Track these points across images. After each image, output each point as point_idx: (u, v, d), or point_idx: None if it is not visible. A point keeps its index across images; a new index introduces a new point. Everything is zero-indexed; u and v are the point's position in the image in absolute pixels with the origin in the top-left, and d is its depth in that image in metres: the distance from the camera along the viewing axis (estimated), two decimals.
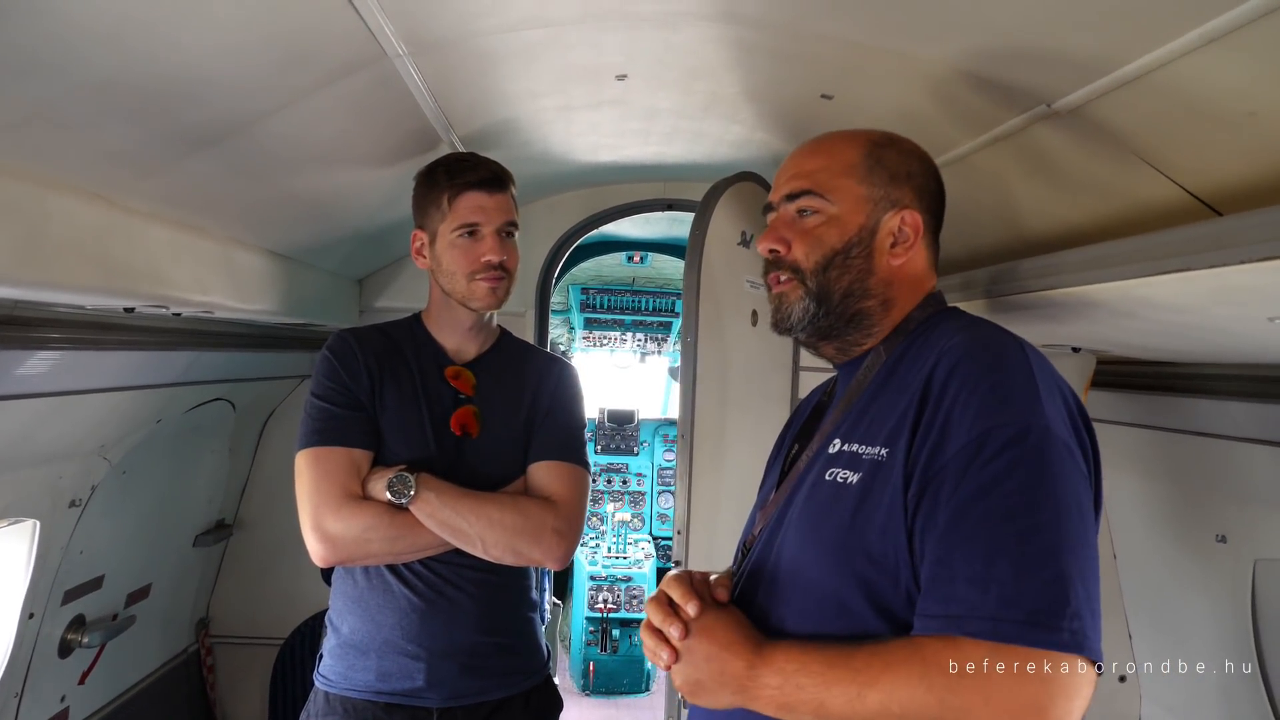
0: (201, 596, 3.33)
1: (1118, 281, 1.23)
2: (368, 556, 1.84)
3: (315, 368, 1.94)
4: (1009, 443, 1.08)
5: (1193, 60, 1.20)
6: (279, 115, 1.51)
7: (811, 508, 1.28)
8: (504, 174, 1.92)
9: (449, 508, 1.81)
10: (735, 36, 1.64)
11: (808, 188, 1.37)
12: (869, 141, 1.40)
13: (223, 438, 3.09)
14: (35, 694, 2.34)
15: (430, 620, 1.90)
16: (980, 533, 1.07)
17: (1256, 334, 1.32)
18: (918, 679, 1.05)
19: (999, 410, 1.11)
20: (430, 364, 1.97)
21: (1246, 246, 0.97)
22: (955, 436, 1.11)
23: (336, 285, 3.00)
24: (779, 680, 1.16)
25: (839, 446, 1.28)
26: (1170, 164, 1.41)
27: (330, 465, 1.82)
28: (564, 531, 1.91)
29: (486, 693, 1.95)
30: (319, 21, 1.28)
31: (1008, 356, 1.17)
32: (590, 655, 5.18)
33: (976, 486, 1.08)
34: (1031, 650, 1.01)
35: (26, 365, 1.66)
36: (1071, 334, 1.86)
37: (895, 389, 1.26)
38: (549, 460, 1.97)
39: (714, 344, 2.34)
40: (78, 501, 2.29)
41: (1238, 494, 2.37)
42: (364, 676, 1.90)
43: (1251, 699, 2.47)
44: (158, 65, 1.19)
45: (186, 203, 1.73)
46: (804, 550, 1.27)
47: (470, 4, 1.34)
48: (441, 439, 1.91)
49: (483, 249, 1.88)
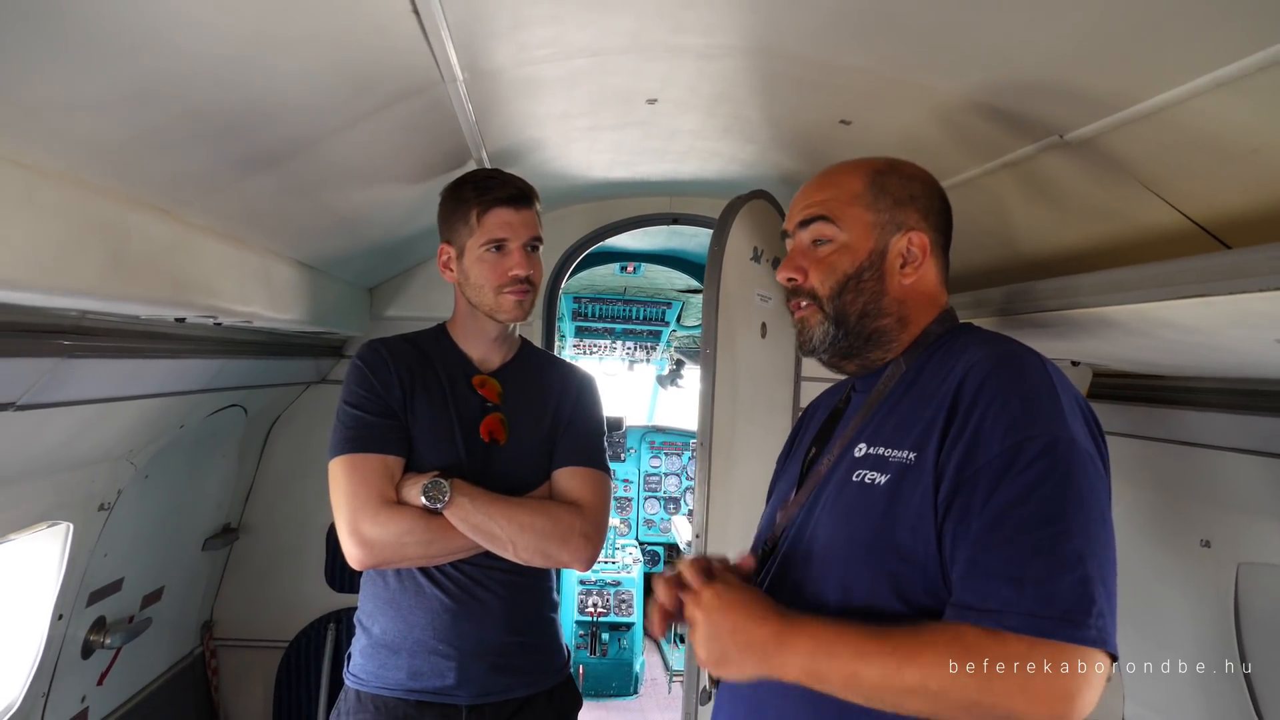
0: (207, 599, 3.36)
1: (1138, 305, 1.34)
2: (403, 560, 1.91)
3: (347, 376, 1.99)
4: (1040, 454, 1.18)
5: (1202, 101, 1.31)
6: (338, 136, 1.59)
7: (840, 507, 1.36)
8: (529, 190, 2.00)
9: (482, 512, 1.88)
10: (766, 67, 1.74)
11: (818, 214, 1.47)
12: (872, 170, 1.49)
13: (233, 443, 3.13)
14: (59, 694, 2.38)
15: (461, 620, 1.97)
16: (1016, 536, 1.16)
17: (1261, 353, 1.44)
18: (960, 662, 1.12)
19: (1029, 423, 1.20)
20: (458, 373, 2.04)
21: (1263, 276, 1.08)
22: (988, 445, 1.20)
23: (352, 295, 3.06)
24: (811, 646, 1.22)
25: (865, 450, 1.37)
26: (1176, 193, 1.52)
27: (366, 471, 1.88)
28: (590, 535, 1.99)
29: (513, 690, 2.02)
30: (391, 49, 1.35)
31: (1032, 371, 1.26)
32: (580, 659, 5.25)
33: (1012, 494, 1.17)
34: (1064, 645, 1.10)
35: (83, 373, 1.72)
36: (1076, 349, 1.98)
37: (920, 397, 1.35)
38: (573, 466, 2.05)
39: (727, 355, 2.44)
40: (106, 505, 2.33)
41: (1222, 501, 2.50)
42: (396, 675, 1.97)
43: (1235, 699, 2.58)
44: (246, 93, 1.26)
45: (237, 217, 1.79)
46: (832, 546, 1.35)
47: (532, 35, 1.43)
48: (471, 445, 1.98)
49: (510, 263, 1.95)
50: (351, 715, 1.99)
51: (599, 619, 5.27)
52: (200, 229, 1.67)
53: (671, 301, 6.23)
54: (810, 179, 1.55)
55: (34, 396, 1.60)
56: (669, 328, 6.59)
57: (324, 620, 3.41)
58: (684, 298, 6.08)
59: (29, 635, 2.23)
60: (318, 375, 3.37)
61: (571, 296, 6.06)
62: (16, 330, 1.40)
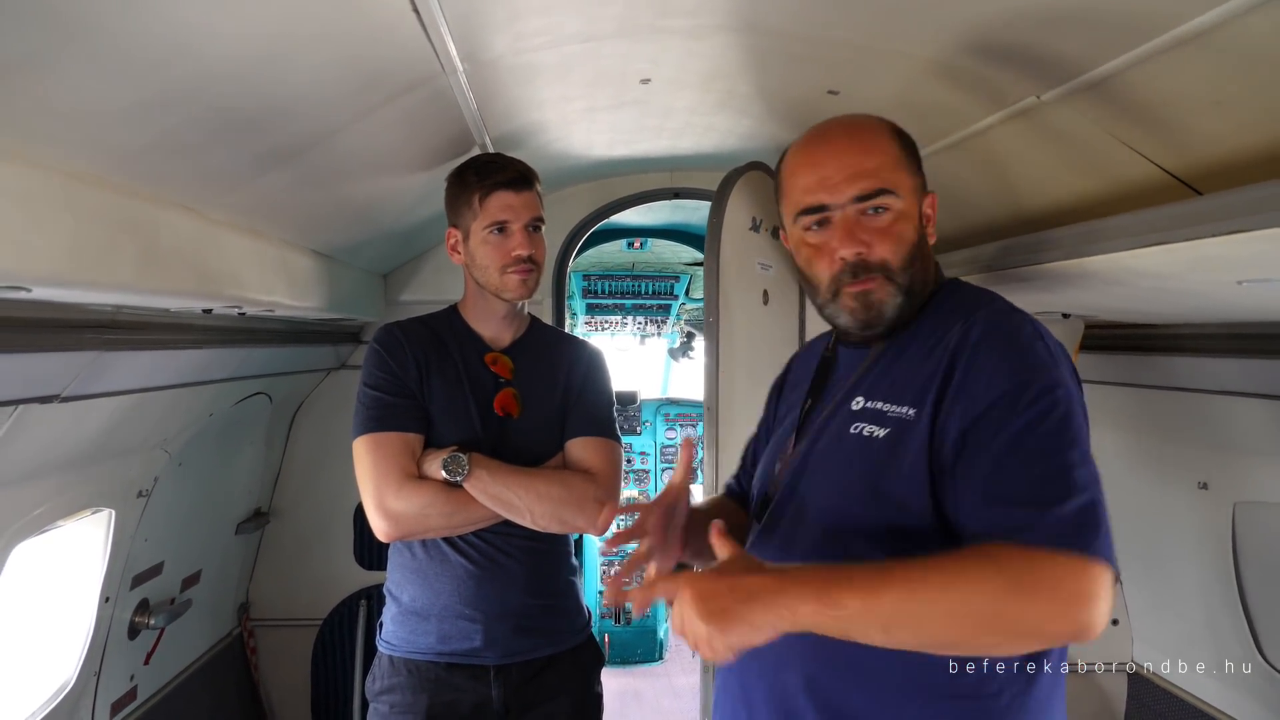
0: (242, 582, 3.49)
1: (1110, 255, 1.42)
2: (427, 530, 2.00)
3: (366, 359, 2.08)
4: (1044, 391, 1.23)
5: (1163, 59, 1.38)
6: (348, 129, 1.68)
7: (839, 458, 1.41)
8: (529, 173, 2.07)
9: (500, 483, 1.97)
10: (753, 43, 1.81)
11: (880, 187, 1.39)
12: (893, 130, 1.46)
13: (260, 430, 3.25)
14: (109, 674, 2.50)
15: (485, 586, 2.06)
16: (1029, 465, 1.20)
17: (1227, 296, 1.51)
18: (989, 574, 1.13)
19: (1028, 369, 1.26)
20: (471, 351, 2.13)
21: (1217, 222, 1.15)
22: (991, 391, 1.25)
23: (367, 281, 3.15)
24: (820, 580, 1.18)
25: (863, 404, 1.42)
26: (1148, 147, 1.59)
27: (388, 449, 1.98)
28: (604, 500, 2.06)
29: (537, 650, 2.12)
30: (394, 45, 1.43)
31: (1024, 328, 1.32)
32: (605, 628, 5.39)
33: (1021, 427, 1.21)
34: (1085, 558, 1.12)
35: (119, 365, 1.82)
36: (1062, 301, 2.05)
37: (918, 354, 1.39)
38: (585, 436, 2.13)
39: (729, 323, 2.52)
40: (144, 492, 2.45)
41: (1217, 443, 2.57)
42: (426, 640, 2.07)
43: (1235, 634, 2.66)
44: (260, 94, 1.35)
45: (256, 211, 1.89)
46: (830, 496, 1.41)
47: (527, 25, 1.51)
48: (486, 420, 2.07)
49: (512, 244, 2.03)
50: (386, 679, 2.10)
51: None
52: (223, 224, 1.76)
53: (679, 275, 6.31)
54: (826, 140, 1.46)
55: (76, 388, 1.70)
56: (678, 301, 6.67)
57: (355, 597, 3.54)
58: (691, 270, 6.16)
59: (79, 618, 2.36)
60: (337, 361, 3.48)
61: (581, 275, 6.14)
62: (60, 326, 1.51)
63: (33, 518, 1.93)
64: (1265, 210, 1.12)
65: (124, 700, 2.61)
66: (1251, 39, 1.21)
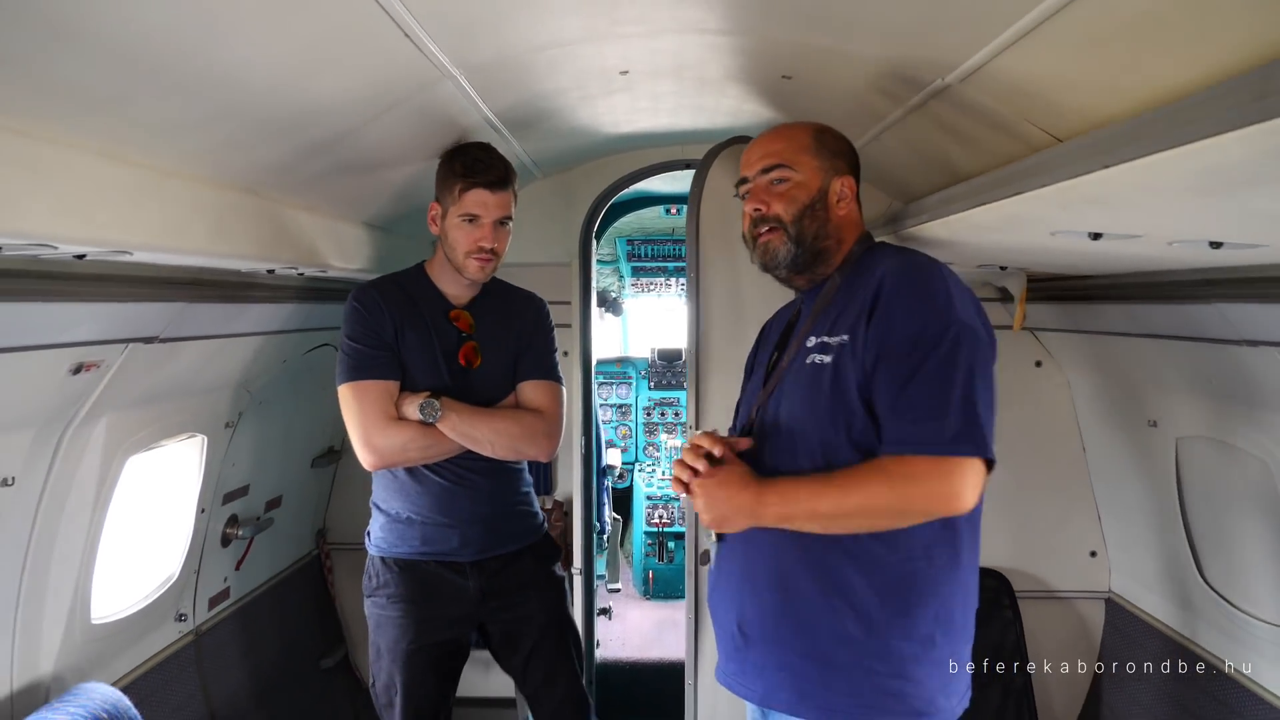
0: (319, 510, 4.03)
1: (958, 214, 1.75)
2: (406, 461, 2.46)
3: (346, 316, 2.50)
4: (940, 329, 1.67)
5: (1014, 52, 1.67)
6: (373, 124, 2.10)
7: (800, 384, 1.86)
8: (507, 176, 2.46)
9: (466, 423, 2.42)
10: (706, 41, 2.16)
11: (779, 162, 1.95)
12: (814, 128, 2.02)
13: (329, 377, 3.74)
14: (206, 573, 3.05)
15: (459, 498, 2.52)
16: (917, 391, 1.66)
17: (1042, 244, 1.83)
18: (881, 481, 1.65)
19: (930, 310, 1.69)
20: (436, 309, 2.54)
21: (989, 191, 1.49)
22: (900, 327, 1.69)
23: (406, 245, 3.61)
24: (780, 498, 1.75)
25: (814, 340, 1.87)
26: (1044, 121, 1.87)
27: (372, 394, 2.42)
28: (550, 433, 2.54)
29: (503, 546, 2.59)
30: (394, 58, 1.81)
31: (932, 272, 1.76)
32: (649, 565, 5.85)
33: (915, 361, 1.67)
34: (950, 458, 1.62)
35: (201, 314, 2.31)
36: (979, 254, 2.35)
37: (850, 298, 1.84)
38: (534, 380, 2.58)
39: (725, 278, 2.90)
40: (231, 423, 2.97)
41: (1159, 383, 2.83)
42: (411, 543, 2.54)
43: (1185, 562, 2.91)
44: (298, 102, 1.78)
45: (305, 191, 2.34)
46: (795, 415, 1.86)
47: (507, 34, 1.89)
48: (452, 370, 2.50)
49: (479, 235, 2.44)
50: (379, 577, 2.57)
51: (664, 529, 5.84)
52: (278, 201, 2.22)
53: None
54: (760, 137, 2.03)
55: (170, 332, 2.20)
56: None
57: None
58: None
59: (182, 525, 2.90)
60: None
61: (625, 239, 6.53)
62: (155, 282, 1.99)
63: (141, 436, 2.45)
64: (1017, 181, 1.44)
65: (219, 597, 3.16)
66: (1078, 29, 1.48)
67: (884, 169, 2.76)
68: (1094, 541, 3.55)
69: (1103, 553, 3.55)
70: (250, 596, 3.42)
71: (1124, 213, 1.38)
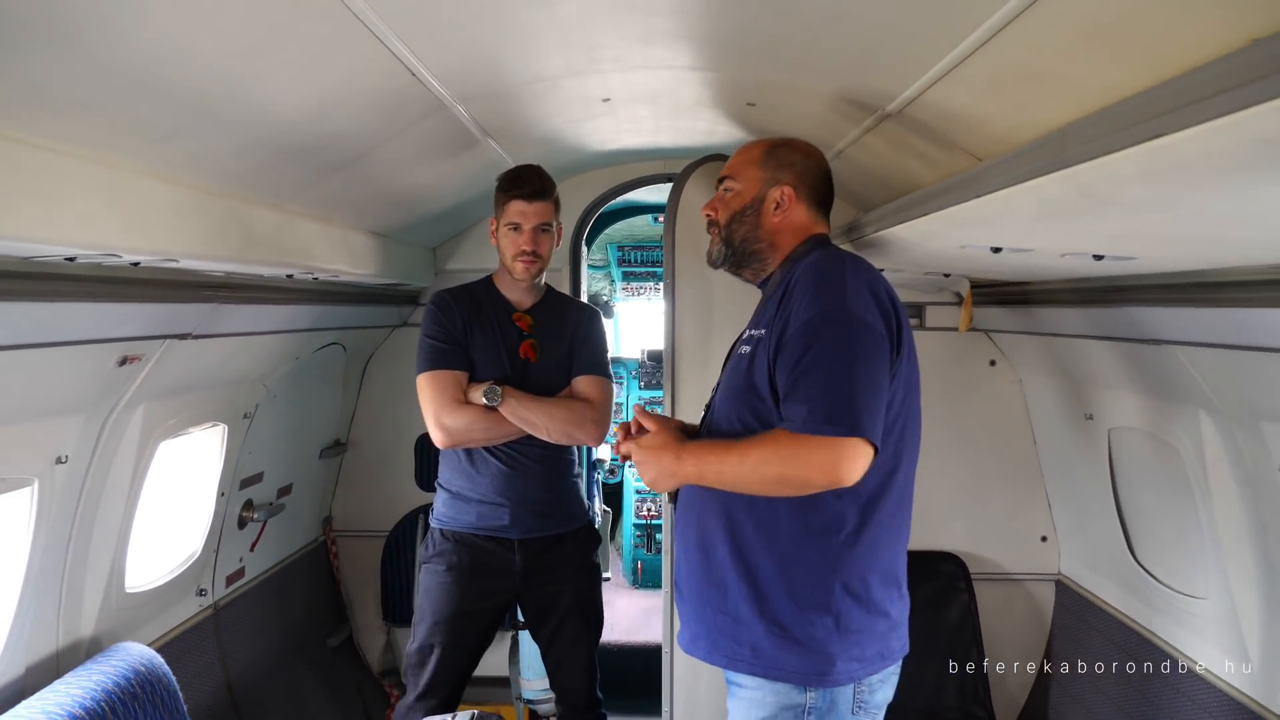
0: (326, 499, 4.31)
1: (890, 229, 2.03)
2: (470, 441, 2.78)
3: (425, 316, 2.86)
4: (829, 319, 1.88)
5: (941, 86, 1.94)
6: (385, 146, 2.39)
7: (731, 373, 2.13)
8: (546, 187, 2.80)
9: (524, 408, 2.74)
10: (676, 75, 2.44)
11: (728, 174, 2.23)
12: (770, 143, 2.24)
13: (337, 374, 4.04)
14: (224, 552, 3.33)
15: (513, 480, 2.84)
16: (808, 374, 1.87)
17: (952, 255, 2.11)
18: (772, 451, 1.86)
19: (818, 304, 1.91)
20: (501, 311, 2.89)
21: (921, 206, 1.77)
22: (795, 319, 1.92)
23: (418, 253, 3.91)
24: (694, 460, 1.99)
25: (745, 334, 2.13)
26: (973, 146, 2.14)
27: (444, 382, 2.75)
28: (599, 421, 2.85)
29: (549, 529, 2.91)
30: (397, 88, 2.09)
31: (832, 269, 1.98)
32: (638, 555, 6.13)
33: (807, 347, 1.88)
34: (831, 437, 1.82)
35: (229, 315, 2.59)
36: (919, 262, 2.64)
37: (775, 292, 2.07)
38: (586, 375, 2.90)
39: (698, 284, 3.18)
40: (248, 415, 3.25)
41: (1091, 379, 3.11)
42: (467, 519, 2.86)
43: (1120, 543, 3.18)
44: (316, 129, 2.07)
45: (323, 204, 2.63)
46: (723, 401, 2.12)
47: (499, 71, 2.18)
48: (514, 363, 2.84)
49: (521, 240, 2.79)
50: (437, 546, 2.89)
51: (652, 521, 6.13)
52: (298, 214, 2.51)
53: None
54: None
55: (202, 330, 2.48)
56: None
57: (415, 513, 4.29)
58: None
59: (204, 507, 3.18)
60: (400, 320, 4.25)
61: (616, 246, 6.82)
62: (191, 285, 2.27)
63: (171, 424, 2.73)
64: (924, 203, 1.72)
65: (235, 575, 3.44)
66: (985, 70, 1.74)
67: (846, 183, 3.03)
68: (1044, 527, 3.83)
69: (1053, 537, 3.82)
70: (263, 576, 3.69)
71: (1004, 231, 1.66)
